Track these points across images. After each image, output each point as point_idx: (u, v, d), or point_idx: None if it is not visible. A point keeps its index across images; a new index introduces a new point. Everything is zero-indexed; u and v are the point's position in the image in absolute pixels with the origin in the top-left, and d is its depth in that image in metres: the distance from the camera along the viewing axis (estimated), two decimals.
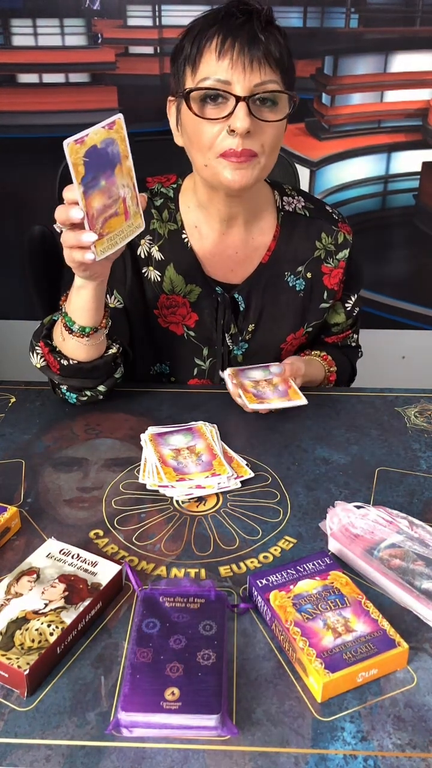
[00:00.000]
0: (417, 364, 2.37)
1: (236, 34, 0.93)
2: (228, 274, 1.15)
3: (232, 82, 0.94)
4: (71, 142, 0.78)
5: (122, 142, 0.83)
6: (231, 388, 1.08)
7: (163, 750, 0.61)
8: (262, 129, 0.97)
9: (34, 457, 0.99)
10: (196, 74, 0.97)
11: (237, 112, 0.94)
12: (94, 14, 1.95)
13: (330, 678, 0.64)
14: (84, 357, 1.02)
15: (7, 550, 0.82)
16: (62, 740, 0.61)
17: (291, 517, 0.88)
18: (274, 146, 1.00)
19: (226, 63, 0.93)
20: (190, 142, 1.02)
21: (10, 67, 2.00)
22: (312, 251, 1.17)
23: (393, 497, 0.92)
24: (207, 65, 0.95)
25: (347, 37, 1.97)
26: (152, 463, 0.94)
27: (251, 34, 0.93)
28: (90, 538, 0.84)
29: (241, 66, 0.93)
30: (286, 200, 1.17)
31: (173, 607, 0.71)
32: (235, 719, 0.63)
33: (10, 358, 2.15)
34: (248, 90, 0.94)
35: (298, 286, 1.17)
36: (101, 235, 0.83)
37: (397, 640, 0.67)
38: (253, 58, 0.93)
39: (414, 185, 2.16)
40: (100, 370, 1.05)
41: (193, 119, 0.98)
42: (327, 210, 1.20)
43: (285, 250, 1.16)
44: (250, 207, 1.11)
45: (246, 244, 1.14)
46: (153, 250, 1.13)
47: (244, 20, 0.94)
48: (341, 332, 1.29)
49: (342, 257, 1.18)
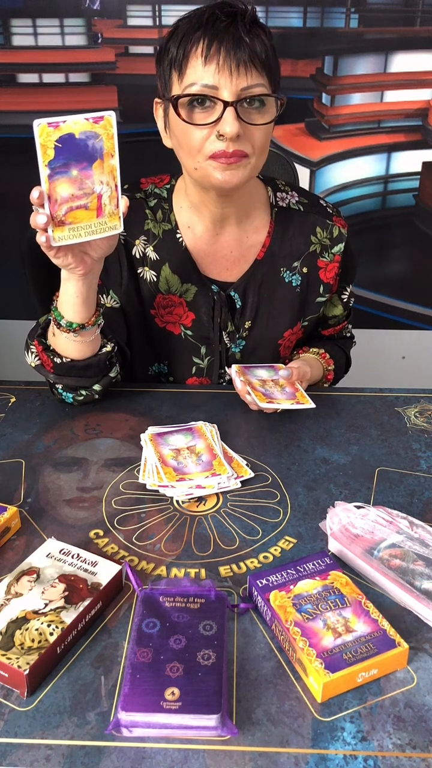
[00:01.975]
0: (417, 364, 2.37)
1: (221, 38, 0.93)
2: (223, 272, 1.16)
3: (219, 86, 0.94)
4: (44, 123, 0.79)
5: (109, 140, 0.84)
6: (239, 385, 1.07)
7: (163, 750, 0.61)
8: (251, 131, 0.97)
9: (34, 457, 0.99)
10: (183, 79, 0.96)
11: (225, 117, 0.94)
12: (94, 14, 1.95)
13: (330, 678, 0.64)
14: (76, 355, 1.02)
15: (7, 550, 0.82)
16: (62, 740, 0.61)
17: (291, 517, 0.88)
18: (264, 147, 1.01)
19: (212, 68, 0.93)
20: (180, 145, 1.02)
21: (10, 67, 2.00)
22: (307, 246, 1.17)
23: (393, 497, 0.92)
24: (193, 70, 0.95)
25: (347, 37, 1.97)
26: (152, 463, 0.94)
27: (236, 37, 0.93)
28: (90, 538, 0.84)
29: (228, 71, 0.93)
30: (279, 196, 1.17)
31: (173, 607, 0.71)
32: (235, 719, 0.63)
33: (10, 358, 2.15)
34: (235, 95, 0.94)
35: (294, 282, 1.17)
36: (62, 222, 0.84)
37: (397, 640, 0.67)
38: (239, 62, 0.93)
39: (414, 185, 2.16)
40: (93, 369, 1.05)
41: (181, 124, 0.98)
42: (321, 204, 1.20)
43: (280, 246, 1.16)
44: (241, 206, 1.11)
45: (240, 243, 1.15)
46: (148, 251, 1.14)
47: (228, 23, 0.94)
48: (338, 324, 1.29)
49: (337, 251, 1.18)
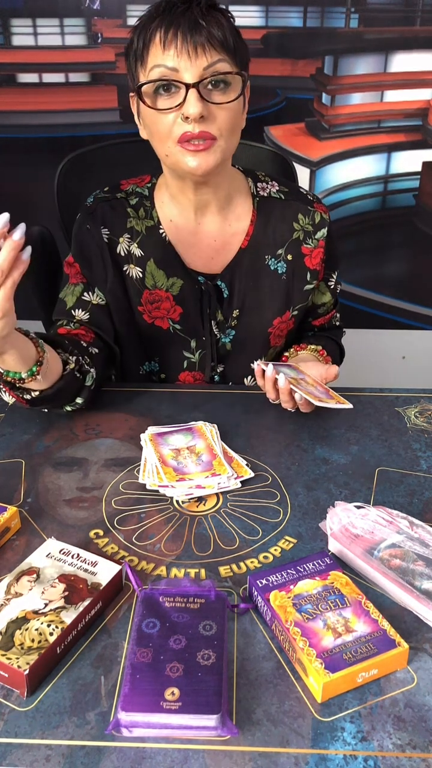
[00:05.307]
0: (417, 364, 2.37)
1: (178, 23, 0.95)
2: (208, 262, 1.16)
3: (179, 69, 0.96)
4: None
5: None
6: (282, 383, 1.00)
7: (163, 750, 0.61)
8: (216, 111, 0.99)
9: (34, 457, 0.99)
10: (145, 68, 0.99)
11: (188, 98, 0.96)
12: (94, 14, 1.94)
13: (330, 678, 0.64)
14: (42, 386, 0.96)
15: (7, 550, 0.82)
16: (62, 740, 0.61)
17: (291, 517, 0.88)
18: (232, 128, 1.02)
19: (171, 52, 0.96)
20: (151, 133, 1.04)
21: (10, 67, 2.00)
22: (290, 233, 1.18)
23: (393, 497, 0.92)
24: (154, 57, 0.97)
25: (347, 37, 1.97)
26: (152, 463, 0.94)
27: (192, 20, 0.95)
28: (90, 538, 0.84)
29: (186, 53, 0.95)
30: (260, 186, 1.19)
31: (173, 607, 0.71)
32: (235, 719, 0.63)
33: None
34: (197, 76, 0.96)
35: (280, 269, 1.18)
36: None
37: (397, 640, 0.67)
38: (197, 44, 0.95)
39: (414, 185, 2.16)
40: (65, 390, 1.00)
41: (149, 112, 1.01)
42: (301, 192, 1.21)
43: (263, 233, 1.17)
44: (221, 193, 1.12)
45: (223, 231, 1.16)
46: (132, 247, 1.14)
47: (184, 8, 0.96)
48: (326, 313, 1.30)
49: (321, 236, 1.19)
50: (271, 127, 2.07)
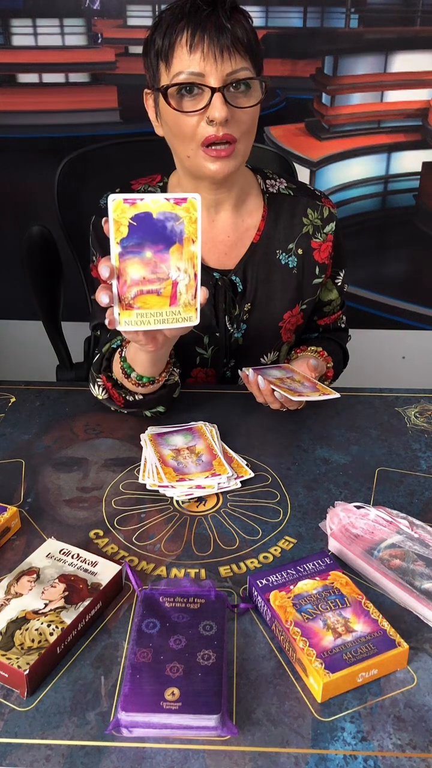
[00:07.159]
0: (417, 364, 2.37)
1: (204, 26, 0.96)
2: (222, 258, 1.17)
3: (205, 74, 0.97)
4: (119, 198, 0.73)
5: (191, 224, 0.77)
6: (262, 384, 1.03)
7: (163, 750, 0.61)
8: (238, 115, 1.01)
9: (34, 457, 0.99)
10: (170, 69, 1.00)
11: (214, 102, 0.97)
12: (94, 14, 1.94)
13: (330, 678, 0.64)
14: (148, 391, 1.02)
15: (7, 550, 0.82)
16: (62, 740, 0.61)
17: (291, 517, 0.88)
18: (250, 129, 1.04)
19: (197, 56, 0.97)
20: (172, 133, 1.05)
21: (10, 67, 2.00)
22: (300, 227, 1.20)
23: (393, 497, 0.92)
24: (180, 60, 0.98)
25: (347, 37, 1.97)
26: (152, 463, 0.94)
27: (218, 24, 0.96)
28: (90, 538, 0.84)
29: (212, 57, 0.97)
30: (269, 183, 1.21)
31: (173, 608, 0.71)
32: (235, 719, 0.63)
33: (10, 358, 2.15)
34: (221, 80, 0.97)
35: (291, 263, 1.20)
36: (130, 305, 0.76)
37: (397, 640, 0.67)
38: (222, 48, 0.96)
39: (414, 185, 2.16)
40: (164, 398, 1.05)
41: (172, 113, 1.01)
42: (309, 188, 1.24)
43: (274, 228, 1.19)
44: (234, 192, 1.14)
45: (236, 227, 1.17)
46: None
47: (210, 11, 0.97)
48: (332, 312, 1.31)
49: (329, 230, 1.21)
50: (271, 127, 2.07)
